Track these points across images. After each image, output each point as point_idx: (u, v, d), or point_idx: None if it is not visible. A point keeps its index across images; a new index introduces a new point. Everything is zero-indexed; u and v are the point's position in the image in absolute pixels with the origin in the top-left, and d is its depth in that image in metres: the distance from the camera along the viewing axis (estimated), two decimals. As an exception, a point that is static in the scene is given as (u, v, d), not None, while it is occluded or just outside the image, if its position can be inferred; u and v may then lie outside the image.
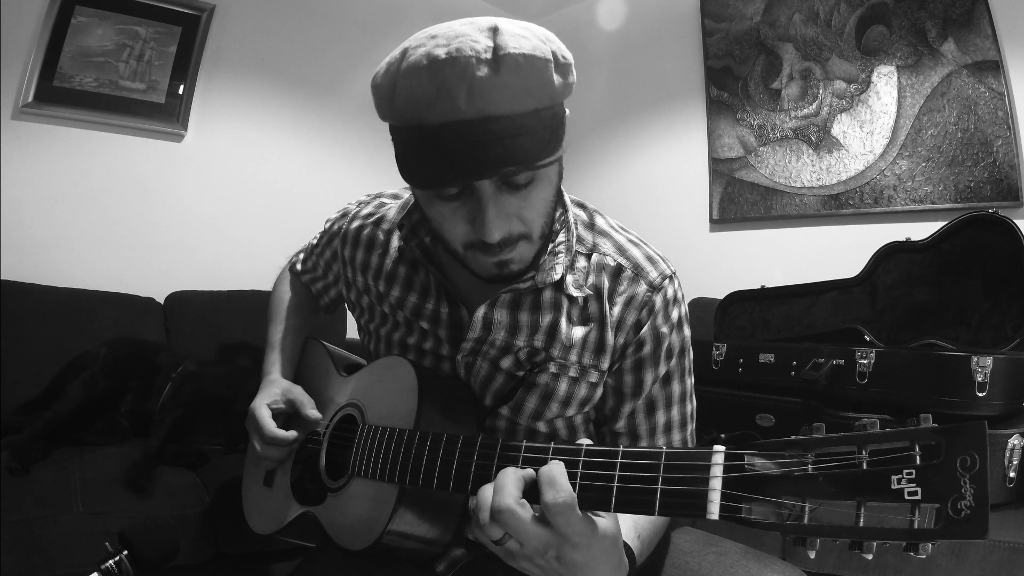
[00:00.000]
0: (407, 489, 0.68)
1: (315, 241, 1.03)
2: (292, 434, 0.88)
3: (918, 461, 0.42)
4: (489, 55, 0.60)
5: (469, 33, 0.62)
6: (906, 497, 0.41)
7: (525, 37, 0.62)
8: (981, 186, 1.94)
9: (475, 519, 0.57)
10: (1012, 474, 1.34)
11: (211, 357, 1.84)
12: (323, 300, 1.08)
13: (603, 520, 0.56)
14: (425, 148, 0.63)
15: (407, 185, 0.70)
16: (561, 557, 0.55)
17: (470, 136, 0.60)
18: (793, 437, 0.47)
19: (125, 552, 0.78)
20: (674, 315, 0.80)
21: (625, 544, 0.62)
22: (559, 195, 0.77)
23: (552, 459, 0.56)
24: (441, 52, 0.60)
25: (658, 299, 0.78)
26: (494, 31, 0.62)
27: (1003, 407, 1.36)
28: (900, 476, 0.42)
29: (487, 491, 0.56)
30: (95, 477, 1.37)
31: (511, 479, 0.56)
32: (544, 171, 0.68)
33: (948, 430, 0.41)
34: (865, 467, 0.43)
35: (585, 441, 0.58)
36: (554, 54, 0.63)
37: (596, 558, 0.56)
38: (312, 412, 0.88)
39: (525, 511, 0.54)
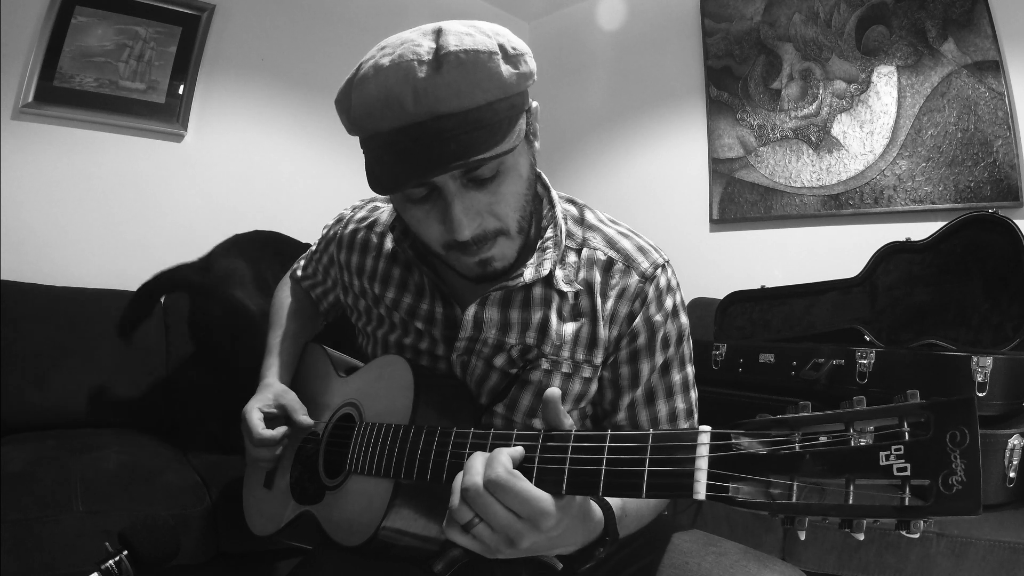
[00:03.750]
0: (403, 485, 0.69)
1: (314, 247, 1.04)
2: (280, 430, 0.88)
3: (907, 437, 0.41)
4: (430, 56, 0.61)
5: (413, 39, 0.63)
6: (895, 474, 0.41)
7: (468, 34, 0.63)
8: (981, 186, 1.94)
9: (448, 512, 0.57)
10: (1012, 474, 1.33)
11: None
12: (323, 305, 1.08)
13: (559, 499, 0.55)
14: (385, 154, 0.64)
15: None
16: (529, 536, 0.54)
17: (424, 137, 0.61)
18: (780, 416, 0.46)
19: (125, 552, 0.78)
20: (668, 303, 0.80)
21: (604, 507, 0.62)
22: (536, 188, 0.77)
23: (515, 444, 0.58)
24: (385, 60, 0.62)
25: (651, 289, 0.78)
26: (437, 33, 0.63)
27: (1003, 407, 1.36)
28: (889, 452, 0.41)
29: (457, 477, 0.57)
30: (95, 477, 1.37)
31: (478, 459, 0.56)
32: (510, 164, 0.68)
33: (936, 405, 0.41)
34: (853, 444, 0.43)
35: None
36: (501, 46, 0.64)
37: (567, 531, 0.56)
38: (303, 418, 0.88)
39: (485, 490, 0.54)
